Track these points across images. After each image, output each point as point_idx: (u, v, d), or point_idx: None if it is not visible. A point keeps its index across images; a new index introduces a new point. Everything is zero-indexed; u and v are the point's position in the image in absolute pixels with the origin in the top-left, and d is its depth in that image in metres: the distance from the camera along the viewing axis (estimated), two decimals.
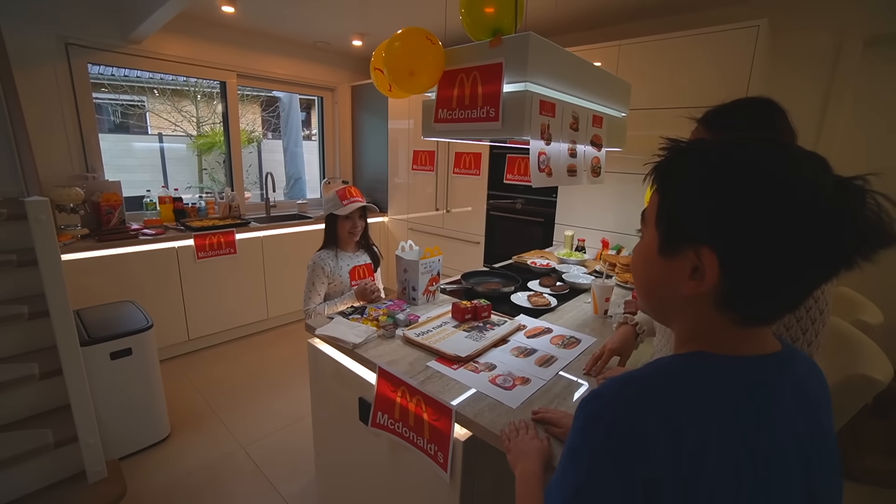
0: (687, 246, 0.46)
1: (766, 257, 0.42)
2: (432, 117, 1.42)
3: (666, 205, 0.49)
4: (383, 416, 1.21)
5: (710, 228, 0.44)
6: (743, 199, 0.43)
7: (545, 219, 3.01)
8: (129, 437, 2.04)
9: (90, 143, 2.84)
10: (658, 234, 0.50)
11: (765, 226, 0.42)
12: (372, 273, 1.94)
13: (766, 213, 0.42)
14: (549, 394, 1.11)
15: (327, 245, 1.88)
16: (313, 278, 1.79)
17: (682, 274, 0.47)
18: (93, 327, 1.98)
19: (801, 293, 0.46)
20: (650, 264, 0.52)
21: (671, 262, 0.49)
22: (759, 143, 0.45)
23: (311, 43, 3.74)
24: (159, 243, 2.82)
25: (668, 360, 0.50)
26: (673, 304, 0.51)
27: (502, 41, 1.25)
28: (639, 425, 0.43)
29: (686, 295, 0.47)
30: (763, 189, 0.42)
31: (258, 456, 2.11)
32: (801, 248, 0.41)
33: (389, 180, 4.02)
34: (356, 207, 1.80)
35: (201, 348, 3.15)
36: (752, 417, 0.43)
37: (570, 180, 1.51)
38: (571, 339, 1.43)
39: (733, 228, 0.43)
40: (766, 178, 0.42)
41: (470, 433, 1.02)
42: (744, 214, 0.42)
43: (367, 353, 1.29)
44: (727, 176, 0.44)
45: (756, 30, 2.05)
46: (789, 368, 0.48)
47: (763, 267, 0.43)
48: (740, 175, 0.44)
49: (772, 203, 0.41)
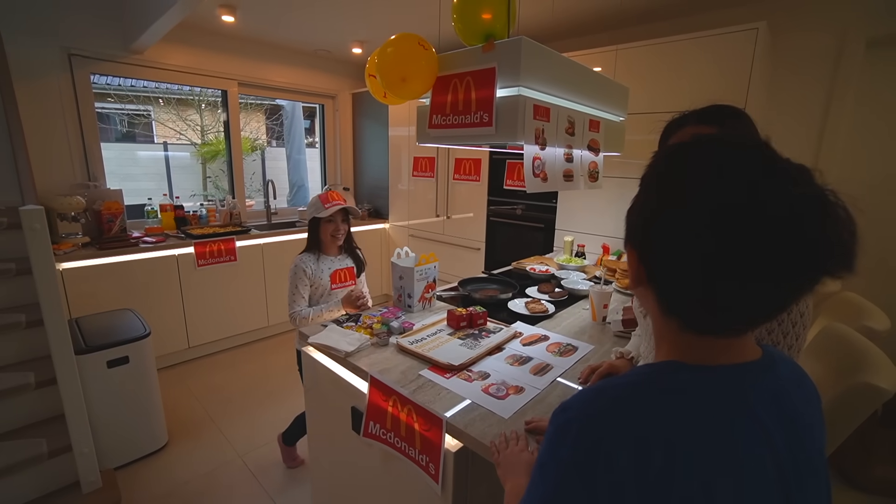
0: (629, 244, 0.50)
1: (682, 264, 0.42)
2: (427, 123, 1.42)
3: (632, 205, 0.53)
4: (375, 425, 1.19)
5: (628, 224, 0.49)
6: (659, 205, 0.44)
7: (545, 224, 2.99)
8: (126, 446, 2.03)
9: (92, 152, 2.86)
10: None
11: (674, 233, 0.42)
12: (354, 277, 1.94)
13: (676, 224, 0.42)
14: (543, 403, 1.08)
15: (310, 249, 1.88)
16: (296, 281, 1.80)
17: (633, 271, 0.50)
18: (90, 335, 1.98)
19: (766, 304, 0.42)
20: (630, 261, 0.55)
21: (631, 259, 0.51)
22: (695, 143, 0.45)
23: (312, 51, 3.77)
24: (160, 251, 2.83)
25: (642, 368, 0.49)
26: (641, 300, 0.52)
27: (495, 46, 1.24)
28: (605, 439, 0.42)
29: (633, 291, 0.51)
30: (672, 186, 0.43)
31: (255, 465, 2.09)
32: (725, 255, 0.39)
33: (390, 187, 4.02)
34: (337, 209, 1.80)
35: (201, 356, 3.15)
36: (723, 432, 0.41)
37: (567, 185, 1.50)
38: (568, 346, 1.40)
39: (646, 233, 0.45)
40: (680, 176, 0.44)
41: (461, 444, 1.00)
42: (659, 222, 0.44)
43: (360, 362, 1.27)
44: (648, 173, 0.47)
45: (755, 32, 2.03)
46: (768, 377, 0.46)
47: (681, 274, 0.43)
48: (657, 172, 0.46)
49: (685, 213, 0.42)
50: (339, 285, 1.88)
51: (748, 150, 0.42)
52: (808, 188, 0.39)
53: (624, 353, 1.21)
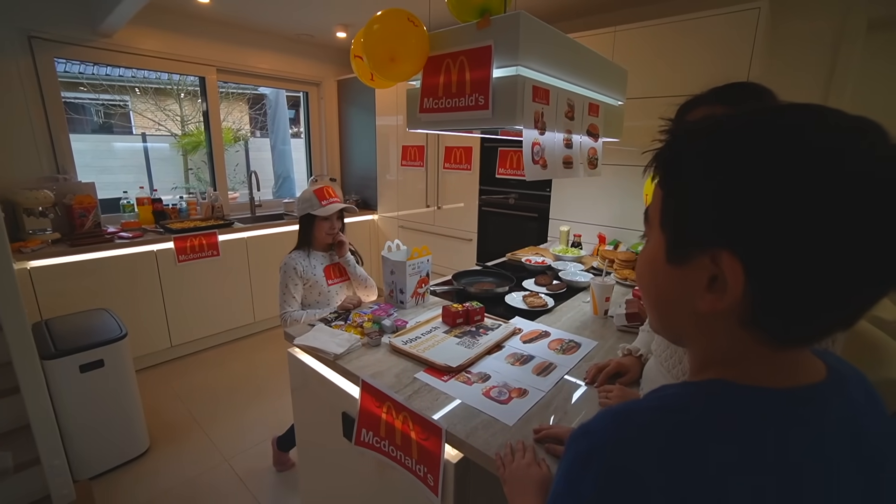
0: (701, 251, 0.37)
1: (808, 257, 0.32)
2: (417, 107, 1.32)
3: (672, 201, 0.40)
4: (368, 433, 1.11)
5: (729, 227, 0.35)
6: (771, 181, 0.33)
7: (539, 214, 2.91)
8: (104, 454, 1.92)
9: (60, 143, 2.69)
10: (664, 237, 0.41)
11: (805, 214, 0.32)
12: (346, 273, 1.85)
13: (805, 197, 0.31)
14: (549, 407, 1.01)
15: (301, 246, 1.78)
16: (286, 281, 1.69)
17: (698, 285, 0.38)
18: (61, 338, 1.86)
19: (861, 303, 0.35)
20: (657, 274, 0.43)
21: (683, 272, 0.39)
22: (784, 108, 0.35)
23: (294, 35, 3.61)
24: (137, 247, 2.69)
25: (677, 390, 0.40)
26: (687, 322, 0.42)
27: (490, 22, 1.15)
28: (632, 476, 0.34)
29: (703, 312, 0.38)
30: (798, 165, 0.32)
31: (243, 469, 2.00)
32: (858, 239, 0.31)
33: (379, 177, 3.90)
34: (336, 209, 1.70)
35: (184, 355, 3.03)
36: (783, 471, 0.33)
37: (567, 172, 1.41)
38: (571, 343, 1.33)
39: (760, 224, 0.33)
40: (801, 150, 0.32)
41: (462, 454, 0.92)
42: (773, 202, 0.32)
43: (350, 365, 1.18)
44: (746, 154, 0.34)
45: (757, 12, 1.96)
46: (838, 403, 0.38)
47: (805, 271, 0.33)
48: (764, 151, 0.33)
49: (811, 181, 0.31)
50: (335, 281, 1.79)
51: (844, 113, 0.34)
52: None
53: (632, 351, 1.14)
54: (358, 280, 1.86)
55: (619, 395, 1.02)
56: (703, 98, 0.90)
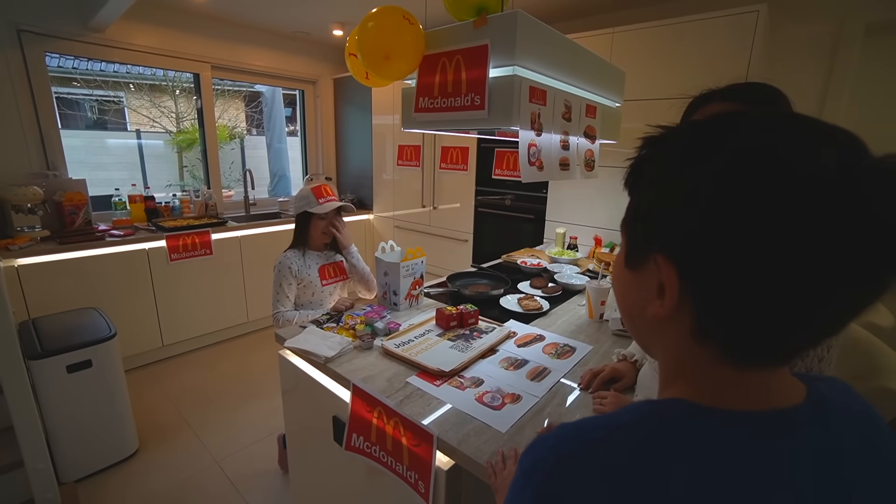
0: (648, 255, 0.38)
1: (746, 263, 0.31)
2: (413, 107, 1.30)
3: (631, 205, 0.41)
4: (359, 438, 1.09)
5: (664, 230, 0.36)
6: (699, 183, 0.33)
7: (535, 215, 2.90)
8: (91, 456, 1.89)
9: (50, 139, 2.65)
10: (625, 242, 0.43)
11: (737, 217, 0.31)
12: (344, 272, 1.82)
13: (736, 199, 0.31)
14: (543, 413, 0.99)
15: (296, 245, 1.75)
16: (280, 280, 1.67)
17: (650, 291, 0.38)
18: (48, 338, 1.82)
19: (825, 321, 0.32)
20: (621, 279, 0.44)
21: (639, 276, 0.40)
22: (738, 116, 0.35)
23: (290, 33, 3.57)
24: (128, 245, 2.65)
25: (638, 407, 0.38)
26: (649, 329, 0.42)
27: (487, 20, 1.13)
28: (571, 495, 0.33)
29: (651, 317, 0.38)
30: (727, 165, 0.32)
31: (234, 471, 1.97)
32: (800, 244, 0.29)
33: (374, 176, 3.87)
34: (334, 207, 1.67)
35: (176, 354, 2.99)
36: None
37: (563, 174, 1.40)
38: (566, 347, 1.32)
39: (690, 226, 0.33)
40: (729, 151, 0.32)
41: (454, 461, 0.90)
42: (703, 205, 0.32)
43: (341, 368, 1.16)
44: (680, 153, 0.35)
45: (755, 15, 1.95)
46: (816, 432, 0.34)
47: (746, 279, 0.31)
48: (693, 154, 0.34)
49: (741, 181, 0.31)
50: (330, 281, 1.76)
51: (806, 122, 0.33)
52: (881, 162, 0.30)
53: (627, 356, 1.13)
54: (359, 275, 1.84)
55: (613, 402, 1.01)
56: (715, 95, 0.89)
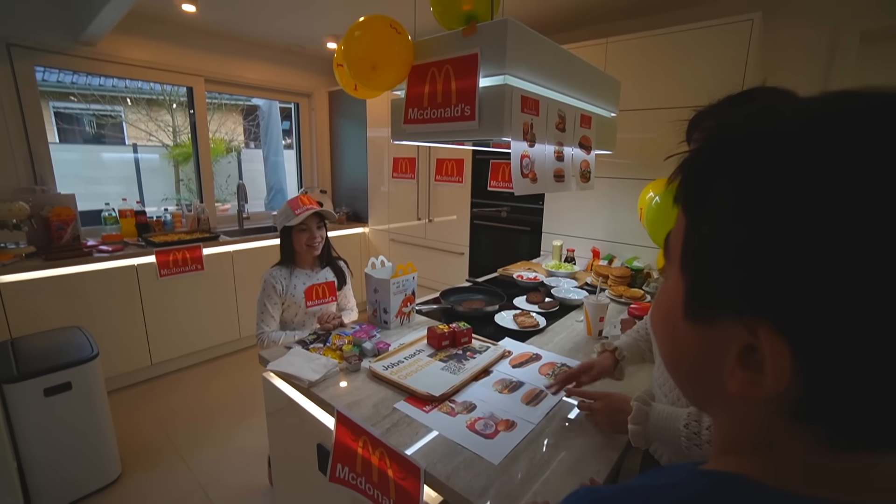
0: (733, 316, 0.26)
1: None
2: (402, 118, 1.26)
3: (695, 237, 0.29)
4: (343, 468, 1.02)
5: (766, 285, 0.24)
6: (857, 220, 0.21)
7: (532, 227, 2.85)
8: (69, 484, 1.80)
9: (39, 153, 2.60)
10: (684, 282, 0.30)
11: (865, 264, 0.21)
12: (334, 292, 1.71)
13: None
14: (538, 441, 0.93)
15: (283, 262, 1.69)
16: (264, 298, 1.60)
17: (726, 354, 0.27)
18: (26, 359, 1.75)
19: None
20: (672, 326, 0.32)
21: (705, 334, 0.29)
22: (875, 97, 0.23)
23: (284, 46, 3.57)
24: (117, 261, 2.59)
25: (683, 478, 0.30)
26: (712, 393, 0.31)
27: (477, 29, 1.10)
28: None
29: (732, 393, 0.27)
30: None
31: (220, 497, 1.88)
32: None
33: (370, 189, 3.83)
34: (309, 213, 1.60)
35: (165, 373, 2.91)
36: None
37: (558, 186, 1.35)
38: (563, 367, 1.25)
39: (828, 289, 0.22)
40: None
41: (442, 498, 0.84)
42: (859, 252, 0.21)
43: (325, 393, 1.10)
44: (808, 175, 0.22)
45: (750, 24, 1.93)
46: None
47: (885, 356, 0.22)
48: (840, 170, 0.22)
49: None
50: (316, 303, 1.64)
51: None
52: None
53: (606, 346, 1.06)
54: (344, 299, 1.78)
55: (604, 406, 0.93)
56: (717, 109, 0.82)
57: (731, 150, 0.26)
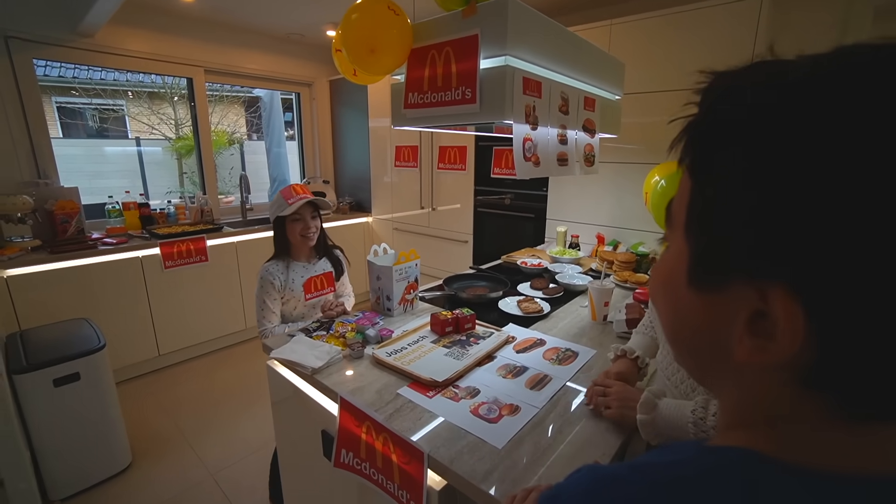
0: (744, 279, 0.25)
1: None
2: (402, 103, 1.24)
3: (700, 199, 0.28)
4: (348, 454, 1.03)
5: (780, 246, 0.23)
6: (880, 176, 0.20)
7: (536, 214, 2.83)
8: (81, 472, 1.83)
9: (41, 147, 2.61)
10: (689, 249, 0.29)
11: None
12: (332, 283, 1.68)
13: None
14: (542, 425, 0.92)
15: (278, 255, 1.64)
16: (263, 295, 1.55)
17: (733, 321, 0.26)
18: (35, 351, 1.77)
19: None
20: (676, 298, 0.31)
21: (711, 300, 0.28)
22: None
23: (284, 35, 3.53)
24: (122, 253, 2.61)
25: (690, 455, 0.29)
26: (716, 364, 0.30)
27: (477, 9, 1.07)
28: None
29: (739, 360, 0.26)
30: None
31: (229, 485, 1.91)
32: None
33: (373, 178, 3.82)
34: (303, 203, 1.55)
35: (173, 364, 2.94)
36: None
37: (561, 170, 1.33)
38: (567, 352, 1.25)
39: (849, 247, 0.21)
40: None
41: (446, 481, 0.84)
42: (870, 209, 0.20)
43: (329, 380, 1.10)
44: (829, 129, 0.21)
45: (759, 3, 1.88)
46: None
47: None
48: (866, 121, 0.21)
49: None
50: (315, 294, 1.62)
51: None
52: None
53: (627, 352, 1.04)
54: (341, 286, 1.77)
55: (618, 393, 0.92)
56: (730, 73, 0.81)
57: (739, 110, 0.25)
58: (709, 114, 0.27)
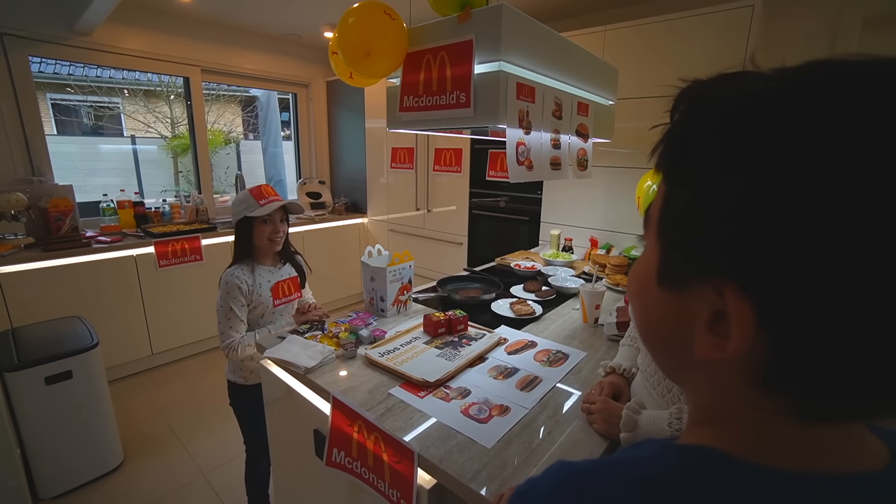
0: (702, 278, 0.27)
1: (875, 304, 0.21)
2: (397, 106, 1.25)
3: (671, 202, 0.29)
4: (339, 453, 1.04)
5: (733, 247, 0.24)
6: (815, 175, 0.21)
7: (530, 217, 2.85)
8: (72, 471, 1.83)
9: (35, 144, 2.60)
10: (659, 249, 0.31)
11: (863, 230, 0.21)
12: (299, 288, 1.60)
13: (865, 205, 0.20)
14: (532, 427, 0.94)
15: (240, 259, 1.51)
16: (230, 302, 1.42)
17: (694, 319, 0.27)
18: (27, 349, 1.77)
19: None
20: (648, 299, 0.32)
21: (677, 299, 0.29)
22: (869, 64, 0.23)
23: (281, 35, 3.54)
24: (116, 252, 2.60)
25: (655, 452, 0.30)
26: (683, 361, 0.32)
27: (472, 15, 1.09)
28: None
29: (699, 357, 0.27)
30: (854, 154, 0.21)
31: (221, 484, 1.91)
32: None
33: (368, 180, 3.83)
34: (277, 207, 1.45)
35: (166, 363, 2.93)
36: None
37: (554, 174, 1.35)
38: (558, 354, 1.26)
39: (798, 248, 0.22)
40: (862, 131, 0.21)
41: (436, 480, 0.85)
42: (834, 212, 0.21)
43: (321, 379, 1.11)
44: (777, 132, 0.23)
45: (750, 10, 1.91)
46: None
47: (866, 324, 0.22)
48: (808, 127, 0.22)
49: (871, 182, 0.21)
50: (284, 300, 1.53)
51: None
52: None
53: (615, 368, 1.05)
54: (304, 292, 1.68)
55: (601, 410, 0.94)
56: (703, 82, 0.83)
57: (706, 116, 0.27)
58: (681, 121, 0.29)
